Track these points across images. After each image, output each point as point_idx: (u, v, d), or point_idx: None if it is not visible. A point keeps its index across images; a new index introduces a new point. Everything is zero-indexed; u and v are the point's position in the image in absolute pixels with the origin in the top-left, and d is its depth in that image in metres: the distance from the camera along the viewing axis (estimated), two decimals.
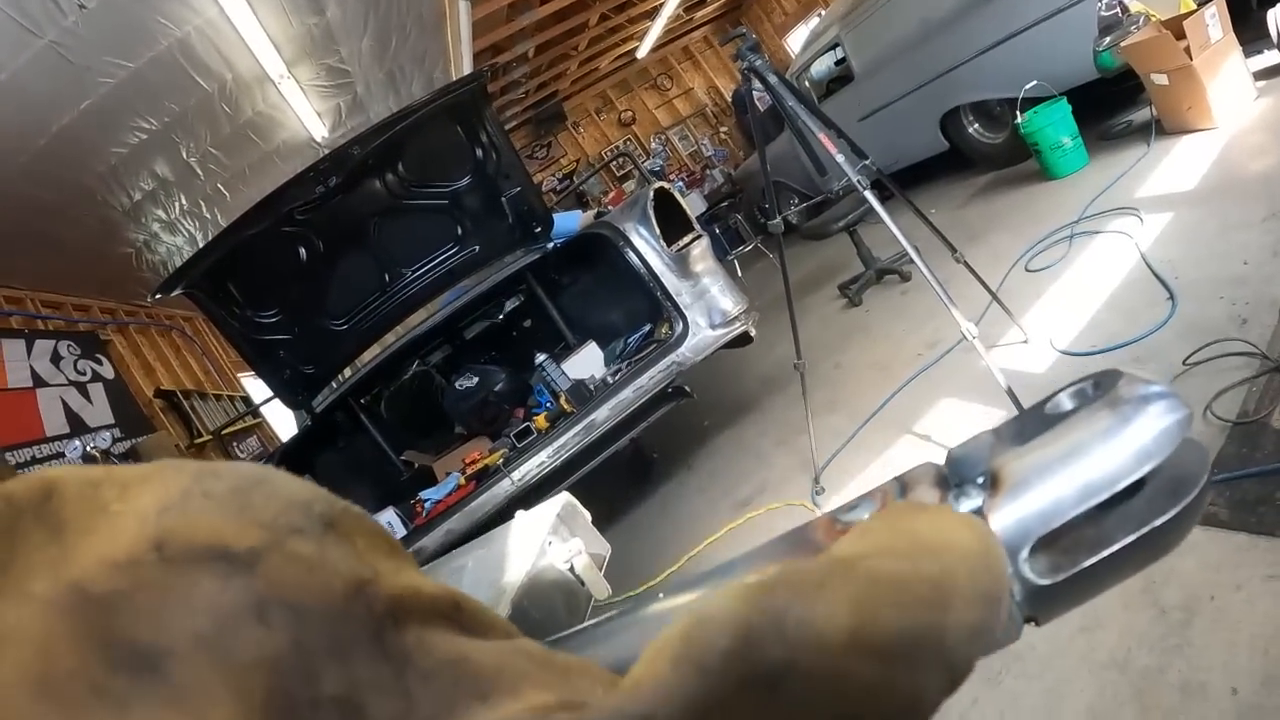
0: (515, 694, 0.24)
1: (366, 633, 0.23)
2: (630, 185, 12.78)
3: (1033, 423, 0.20)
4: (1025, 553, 0.18)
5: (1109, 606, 1.88)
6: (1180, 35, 3.87)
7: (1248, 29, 4.17)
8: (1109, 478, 0.18)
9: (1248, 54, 4.10)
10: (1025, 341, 3.31)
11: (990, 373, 2.50)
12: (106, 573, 0.23)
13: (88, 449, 4.27)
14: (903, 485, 0.21)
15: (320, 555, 0.25)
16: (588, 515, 1.94)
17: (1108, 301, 3.23)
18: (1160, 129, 4.41)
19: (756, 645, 0.24)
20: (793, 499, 3.33)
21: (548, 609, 1.55)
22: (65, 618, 0.21)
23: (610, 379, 4.11)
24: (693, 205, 5.52)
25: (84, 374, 6.06)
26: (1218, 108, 3.98)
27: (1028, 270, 3.99)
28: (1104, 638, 1.80)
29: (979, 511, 0.18)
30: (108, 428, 5.89)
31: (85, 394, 5.95)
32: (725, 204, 11.38)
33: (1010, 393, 2.39)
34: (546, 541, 1.66)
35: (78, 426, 5.63)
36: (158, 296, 3.68)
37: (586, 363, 4.43)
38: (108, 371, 6.41)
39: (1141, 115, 4.73)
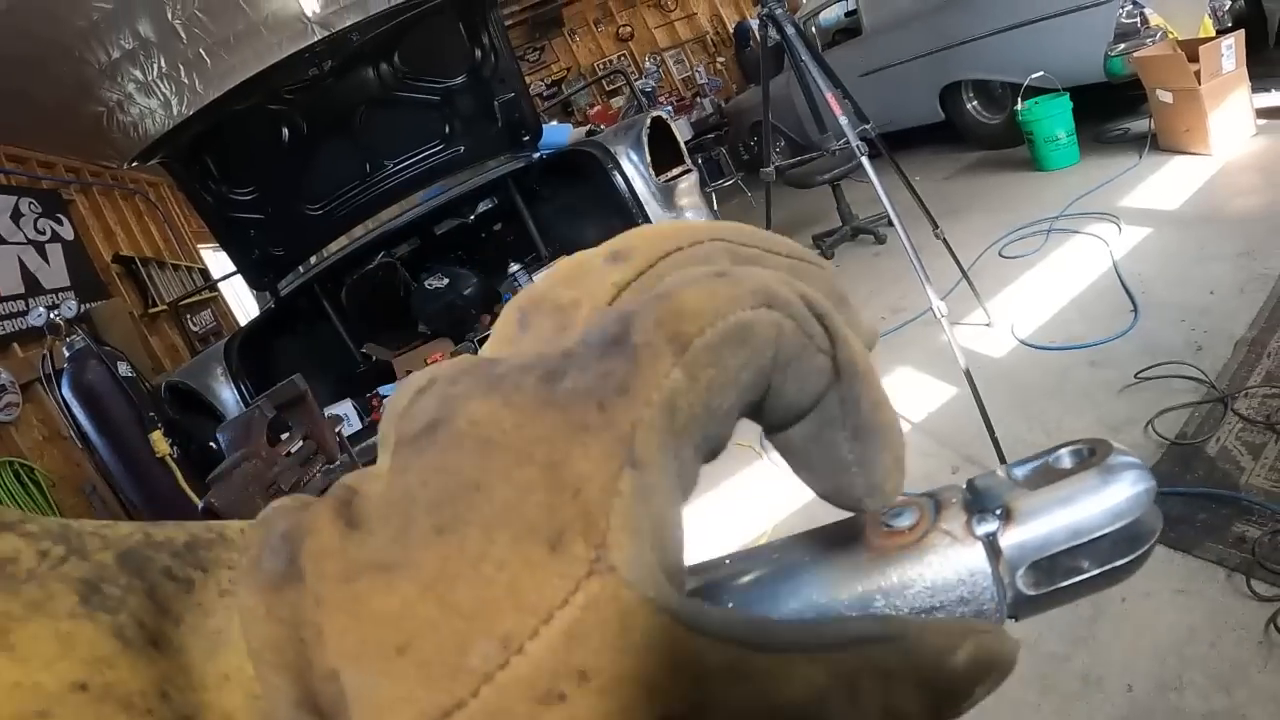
0: None
1: None
2: (618, 102, 12.54)
3: (1039, 471, 0.26)
4: (1022, 570, 0.24)
5: None
6: (1194, 58, 3.91)
7: (1260, 65, 4.22)
8: (1090, 526, 0.24)
9: (1255, 89, 4.14)
10: (988, 324, 3.41)
11: (949, 349, 2.58)
12: None
13: (52, 315, 4.19)
14: (937, 503, 0.26)
15: None
16: None
17: (1074, 301, 3.33)
18: (1155, 144, 4.47)
19: None
20: (741, 440, 3.41)
21: None
22: None
23: None
24: (679, 132, 5.44)
25: (43, 233, 5.90)
26: (1215, 136, 4.04)
27: (1001, 255, 4.07)
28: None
29: (992, 534, 0.24)
30: (63, 290, 5.75)
31: (43, 254, 5.80)
32: (711, 135, 11.26)
33: (968, 374, 2.47)
34: None
35: (33, 287, 5.50)
36: (134, 164, 3.59)
37: None
38: (67, 232, 6.24)
39: (1139, 126, 4.78)
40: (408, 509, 0.18)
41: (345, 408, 3.82)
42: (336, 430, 3.04)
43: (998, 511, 0.24)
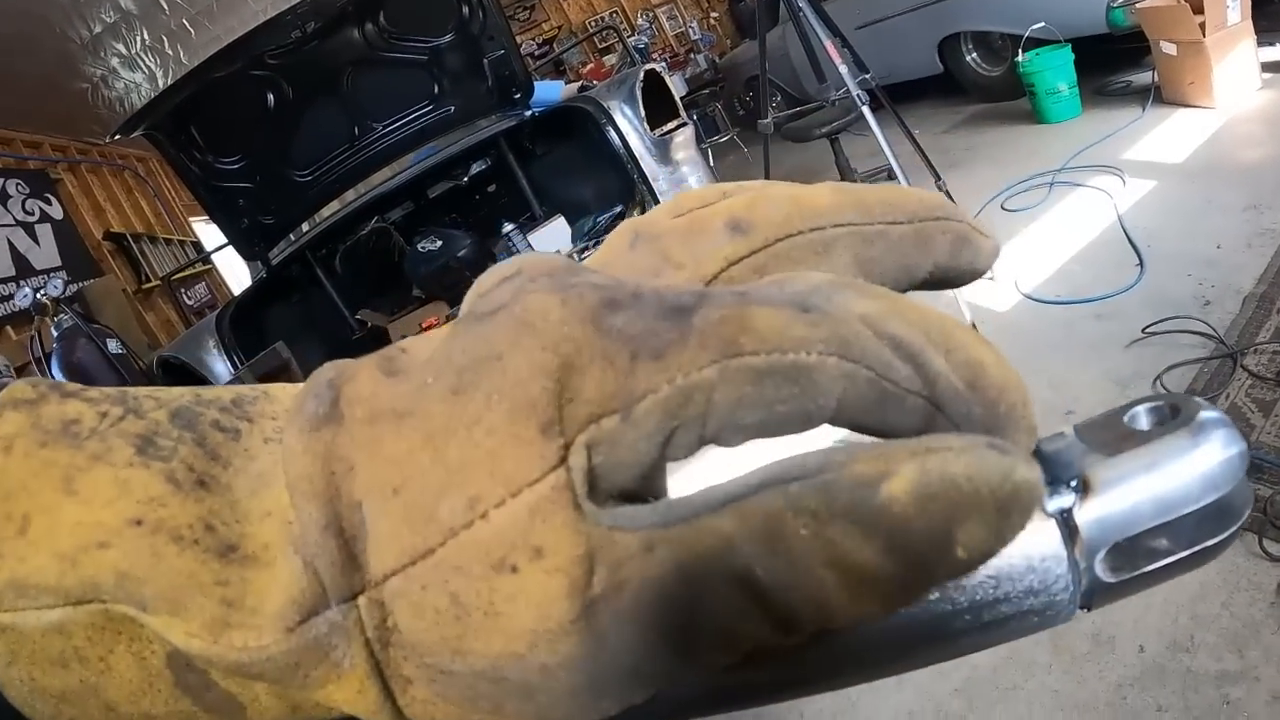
0: None
1: None
2: (611, 59, 12.35)
3: (1114, 433, 0.22)
4: (1103, 553, 0.20)
5: None
6: (1198, 10, 3.82)
7: (1266, 19, 4.13)
8: (1182, 499, 0.20)
9: (1261, 43, 4.06)
10: (991, 279, 3.36)
11: (954, 304, 2.54)
12: None
13: (38, 295, 4.14)
14: None
15: None
16: None
17: (1078, 255, 3.29)
18: (1158, 96, 4.38)
19: None
20: None
21: None
22: None
23: (577, 257, 4.07)
24: (674, 87, 5.31)
25: (32, 214, 5.86)
26: (1220, 89, 3.96)
27: (1004, 209, 4.02)
28: None
29: (1068, 510, 0.20)
30: (54, 270, 5.71)
31: (33, 235, 5.77)
32: (706, 91, 11.12)
33: (973, 329, 2.45)
34: None
35: (24, 269, 5.48)
36: (116, 137, 3.52)
37: (553, 237, 4.36)
38: (56, 212, 6.21)
39: (1142, 79, 4.70)
40: (440, 368, 0.19)
41: None
42: None
43: (1072, 483, 0.21)
